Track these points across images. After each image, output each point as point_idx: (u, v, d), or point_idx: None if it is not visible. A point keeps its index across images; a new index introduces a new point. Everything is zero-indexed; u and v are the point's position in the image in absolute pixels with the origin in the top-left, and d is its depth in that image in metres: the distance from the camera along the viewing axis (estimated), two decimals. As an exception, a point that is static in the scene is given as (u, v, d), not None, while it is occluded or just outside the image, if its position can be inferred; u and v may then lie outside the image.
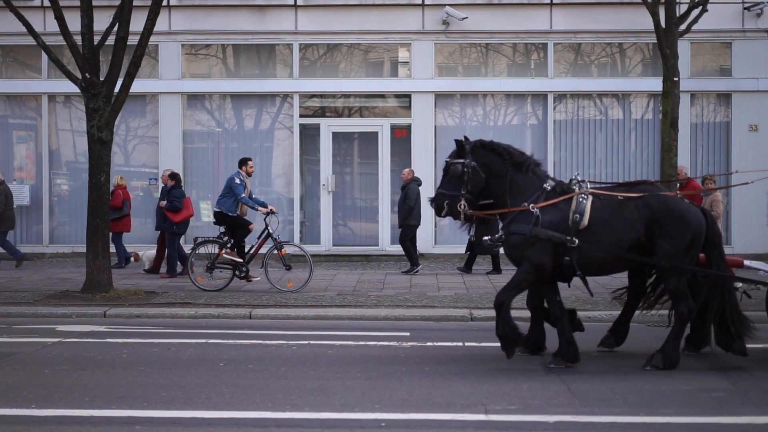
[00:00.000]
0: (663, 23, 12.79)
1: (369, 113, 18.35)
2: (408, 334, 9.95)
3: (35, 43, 12.74)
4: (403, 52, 18.25)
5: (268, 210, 13.47)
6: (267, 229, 13.38)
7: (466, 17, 17.50)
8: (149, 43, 13.16)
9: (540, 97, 17.98)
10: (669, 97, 12.72)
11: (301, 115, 18.05)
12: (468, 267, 15.27)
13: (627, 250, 8.07)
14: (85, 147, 13.40)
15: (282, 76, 18.17)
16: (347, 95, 18.28)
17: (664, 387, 7.29)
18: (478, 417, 6.37)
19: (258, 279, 13.73)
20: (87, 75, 12.53)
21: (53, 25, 12.75)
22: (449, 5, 17.37)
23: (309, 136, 18.12)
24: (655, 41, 13.26)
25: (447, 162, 8.48)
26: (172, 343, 9.35)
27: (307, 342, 9.42)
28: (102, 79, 12.68)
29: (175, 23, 17.89)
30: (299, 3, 17.87)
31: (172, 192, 14.96)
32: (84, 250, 13.08)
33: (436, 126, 17.85)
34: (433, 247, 17.65)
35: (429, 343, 9.32)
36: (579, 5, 17.77)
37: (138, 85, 14.50)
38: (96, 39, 12.73)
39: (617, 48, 18.19)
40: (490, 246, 9.03)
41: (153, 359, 8.51)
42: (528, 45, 18.18)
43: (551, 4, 17.75)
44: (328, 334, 9.97)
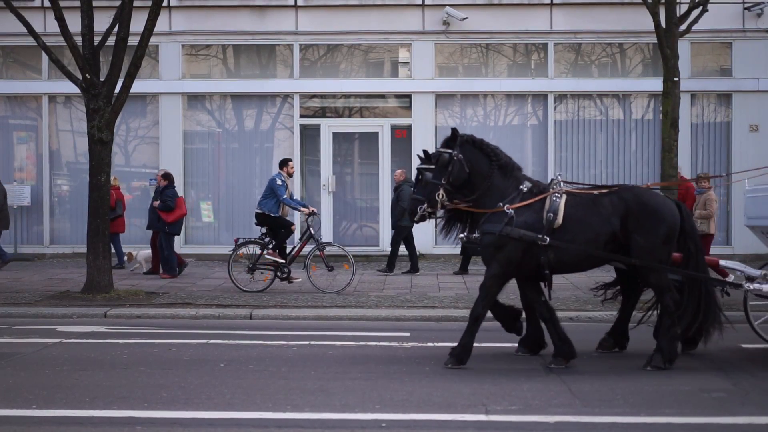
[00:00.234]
0: (663, 23, 12.77)
1: (369, 113, 18.35)
2: (408, 334, 9.95)
3: (36, 44, 12.75)
4: (404, 52, 18.25)
5: (309, 211, 13.47)
6: (309, 230, 13.35)
7: (466, 17, 17.50)
8: (149, 44, 13.16)
9: (540, 98, 17.98)
10: (669, 98, 12.69)
11: (302, 116, 18.05)
12: (464, 268, 15.29)
13: (603, 245, 8.06)
14: (86, 147, 13.41)
15: (282, 76, 18.18)
16: (348, 95, 18.29)
17: (664, 387, 7.29)
18: (478, 417, 6.37)
19: (299, 280, 13.67)
20: (87, 75, 12.54)
21: (54, 26, 12.75)
22: (449, 5, 17.37)
23: (309, 136, 18.12)
24: (656, 41, 13.24)
25: (437, 149, 8.44)
26: (172, 344, 9.36)
27: (308, 342, 9.42)
28: (102, 80, 12.69)
29: (176, 24, 17.90)
30: (299, 3, 17.88)
31: (165, 192, 14.98)
32: (84, 250, 13.08)
33: (436, 126, 17.84)
34: (433, 248, 17.65)
35: (430, 344, 9.32)
36: (579, 5, 17.77)
37: (138, 86, 14.52)
38: (96, 39, 12.75)
39: (617, 48, 18.19)
40: (468, 245, 9.04)
41: (153, 360, 8.51)
42: (528, 45, 18.18)
43: (551, 4, 17.75)
44: (328, 334, 9.97)
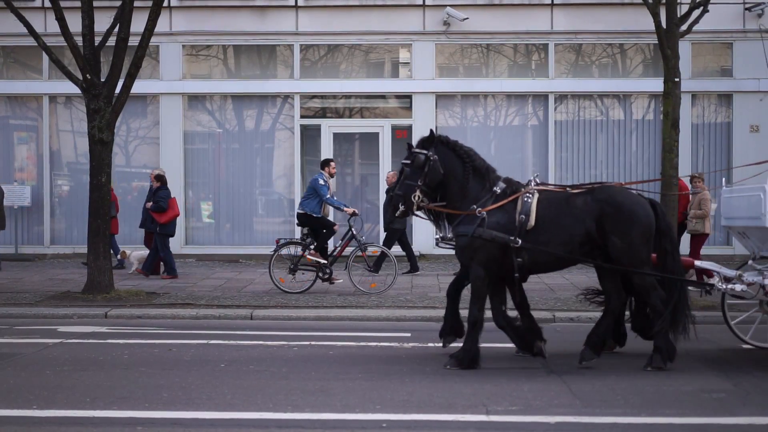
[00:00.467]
0: (664, 24, 12.76)
1: (370, 114, 18.34)
2: (409, 334, 9.95)
3: (36, 44, 12.75)
4: (404, 52, 18.25)
5: (351, 211, 13.44)
6: (351, 231, 13.33)
7: (466, 18, 17.50)
8: (150, 44, 13.16)
9: (541, 98, 17.98)
10: (670, 98, 12.67)
11: (302, 116, 18.06)
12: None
13: (579, 246, 8.05)
14: (86, 148, 13.40)
15: (283, 76, 18.18)
16: (348, 96, 18.28)
17: (665, 388, 7.29)
18: (479, 418, 6.37)
19: (341, 281, 13.65)
20: (88, 76, 12.54)
21: (54, 26, 12.76)
22: (450, 6, 17.37)
23: (310, 136, 18.12)
24: (656, 42, 13.22)
25: (413, 150, 8.40)
26: (173, 344, 9.36)
27: (309, 343, 9.42)
28: (103, 80, 12.69)
29: (176, 24, 17.90)
30: (300, 4, 17.88)
31: (157, 193, 14.97)
32: (85, 251, 13.09)
33: (437, 127, 17.80)
34: (434, 248, 17.61)
35: (430, 344, 9.31)
36: (580, 6, 17.78)
37: (139, 86, 14.53)
38: (97, 40, 12.75)
39: (618, 49, 18.19)
40: (443, 245, 9.09)
41: (154, 360, 8.51)
42: (529, 45, 18.18)
43: (552, 4, 17.75)
44: (329, 335, 9.97)
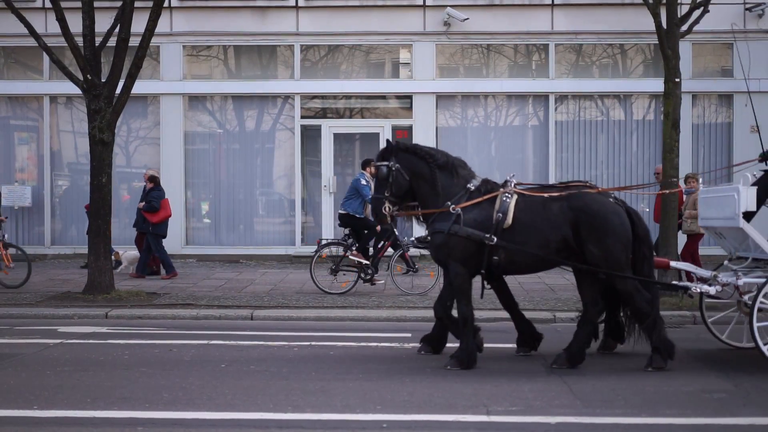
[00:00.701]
0: (664, 24, 12.76)
1: (370, 114, 18.34)
2: (410, 335, 9.93)
3: (37, 45, 12.76)
4: (404, 53, 18.25)
5: None
6: (393, 231, 13.27)
7: (467, 18, 17.50)
8: (150, 45, 13.17)
9: (541, 98, 17.97)
10: (670, 98, 12.66)
11: (303, 116, 18.06)
12: None
13: (556, 251, 8.07)
14: (87, 148, 13.40)
15: (283, 77, 18.18)
16: (348, 96, 18.29)
17: (665, 388, 7.29)
18: (479, 418, 6.37)
19: (382, 282, 13.62)
20: (88, 76, 12.55)
21: (55, 27, 12.76)
22: (450, 6, 17.37)
23: (310, 137, 18.12)
24: (657, 42, 13.21)
25: (373, 164, 8.53)
26: (173, 344, 9.36)
27: (309, 343, 9.43)
28: (103, 81, 12.69)
29: (177, 24, 17.91)
30: (300, 4, 17.88)
31: (150, 193, 14.97)
32: (86, 251, 13.09)
33: (437, 127, 17.84)
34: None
35: (430, 344, 9.32)
36: (580, 6, 17.78)
37: (139, 87, 14.53)
38: (97, 40, 12.75)
39: (618, 49, 18.19)
40: (420, 245, 9.11)
41: (154, 360, 8.51)
42: (529, 46, 18.18)
43: (552, 5, 17.75)
44: (329, 335, 9.98)
